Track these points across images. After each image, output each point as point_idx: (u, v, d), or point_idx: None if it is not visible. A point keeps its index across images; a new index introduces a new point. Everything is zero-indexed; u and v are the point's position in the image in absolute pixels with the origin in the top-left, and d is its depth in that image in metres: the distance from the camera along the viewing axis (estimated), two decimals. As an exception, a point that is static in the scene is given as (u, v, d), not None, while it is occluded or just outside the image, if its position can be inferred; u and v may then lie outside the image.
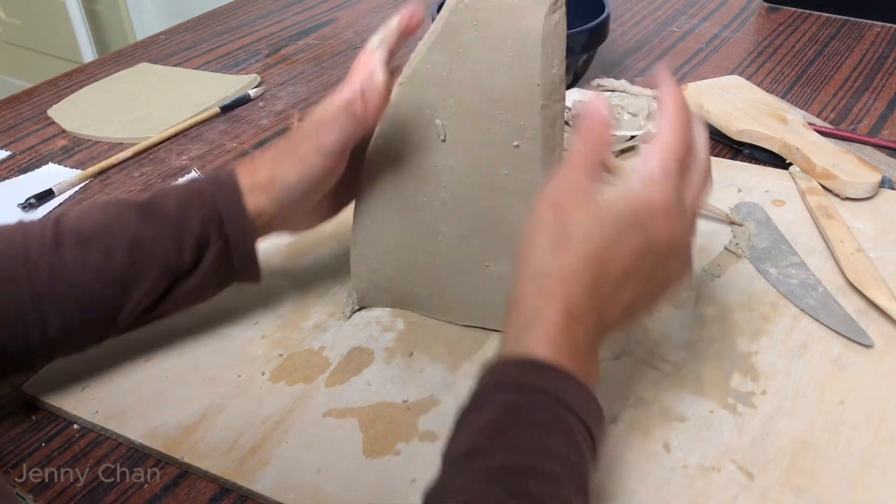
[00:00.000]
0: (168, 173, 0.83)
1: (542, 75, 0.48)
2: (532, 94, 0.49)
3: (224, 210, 0.52)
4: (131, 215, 0.52)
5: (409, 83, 0.51)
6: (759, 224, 0.68)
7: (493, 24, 0.47)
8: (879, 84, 0.93)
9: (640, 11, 1.17)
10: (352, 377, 0.56)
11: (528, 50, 0.47)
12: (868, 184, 0.70)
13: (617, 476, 0.48)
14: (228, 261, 0.53)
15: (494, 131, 0.51)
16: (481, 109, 0.50)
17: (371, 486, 0.48)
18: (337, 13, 1.23)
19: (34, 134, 0.92)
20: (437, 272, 0.57)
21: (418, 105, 0.52)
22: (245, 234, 0.53)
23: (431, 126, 0.52)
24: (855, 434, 0.50)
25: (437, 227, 0.55)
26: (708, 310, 0.60)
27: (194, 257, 0.52)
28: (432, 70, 0.50)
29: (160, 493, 0.49)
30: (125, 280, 0.51)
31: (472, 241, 0.55)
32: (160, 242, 0.51)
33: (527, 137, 0.50)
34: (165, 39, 1.16)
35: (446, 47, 0.49)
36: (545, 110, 0.49)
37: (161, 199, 0.52)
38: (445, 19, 0.48)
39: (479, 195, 0.53)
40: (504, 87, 0.49)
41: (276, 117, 0.92)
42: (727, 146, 0.81)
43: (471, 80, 0.49)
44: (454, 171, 0.53)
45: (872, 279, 0.60)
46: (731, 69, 0.98)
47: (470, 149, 0.52)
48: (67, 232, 0.51)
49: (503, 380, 0.40)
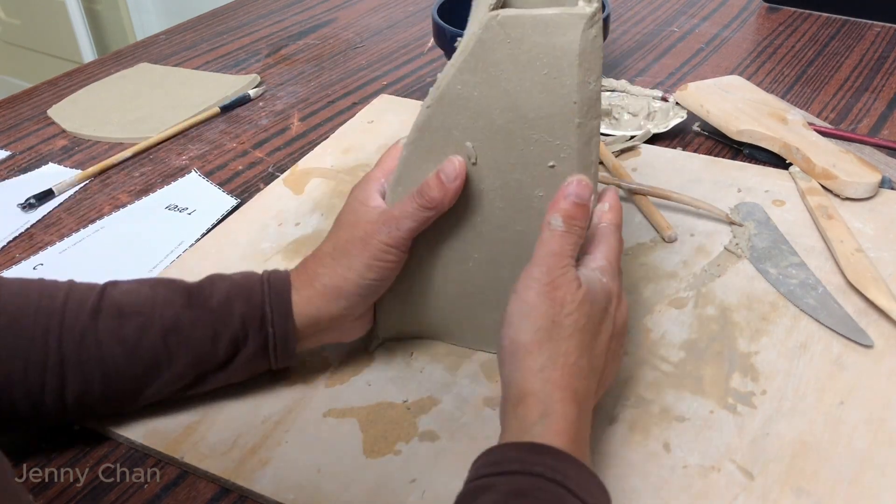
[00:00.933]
0: (168, 173, 0.83)
1: (580, 92, 0.46)
2: (569, 111, 0.47)
3: (269, 309, 0.50)
4: (177, 298, 0.50)
5: (438, 105, 0.49)
6: (759, 224, 0.68)
7: (528, 40, 0.45)
8: (879, 84, 0.93)
9: (640, 11, 1.17)
10: (352, 377, 0.56)
11: (564, 66, 0.45)
12: (868, 184, 0.70)
13: (617, 476, 0.48)
14: (265, 358, 0.52)
15: (528, 152, 0.49)
16: (514, 130, 0.48)
17: (371, 486, 0.48)
18: (337, 13, 1.23)
19: (34, 134, 0.92)
20: (467, 300, 0.55)
21: (447, 128, 0.49)
22: (288, 335, 0.51)
23: (462, 149, 0.50)
24: (855, 434, 0.50)
25: (469, 253, 0.53)
26: (708, 310, 0.60)
27: (229, 352, 0.50)
28: (462, 91, 0.48)
29: (160, 493, 0.49)
30: (155, 361, 0.49)
31: (504, 266, 0.53)
32: (198, 331, 0.50)
33: (563, 157, 0.48)
34: (165, 39, 1.16)
35: (477, 66, 0.47)
36: (581, 128, 0.47)
37: (210, 287, 0.51)
38: (477, 37, 0.46)
39: (512, 219, 0.51)
40: (539, 106, 0.47)
41: (276, 117, 0.92)
42: (727, 146, 0.81)
43: (503, 99, 0.47)
44: (486, 194, 0.51)
45: (872, 279, 0.60)
46: (731, 69, 0.98)
47: (503, 171, 0.50)
48: (110, 302, 0.50)
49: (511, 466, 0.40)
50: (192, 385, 0.51)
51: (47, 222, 0.76)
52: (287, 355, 0.52)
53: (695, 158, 0.79)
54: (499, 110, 0.48)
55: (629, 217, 0.71)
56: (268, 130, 0.90)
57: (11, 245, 0.73)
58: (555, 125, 0.47)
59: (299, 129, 0.90)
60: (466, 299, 0.55)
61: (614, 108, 0.85)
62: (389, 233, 0.50)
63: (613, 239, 0.50)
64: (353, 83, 1.00)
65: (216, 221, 0.74)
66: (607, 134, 0.82)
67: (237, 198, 0.78)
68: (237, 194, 0.78)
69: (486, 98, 0.48)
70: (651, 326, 0.59)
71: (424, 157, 0.50)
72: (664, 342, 0.58)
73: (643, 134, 0.81)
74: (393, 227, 0.50)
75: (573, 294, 0.44)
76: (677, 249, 0.67)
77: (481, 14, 0.46)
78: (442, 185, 0.49)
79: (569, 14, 0.45)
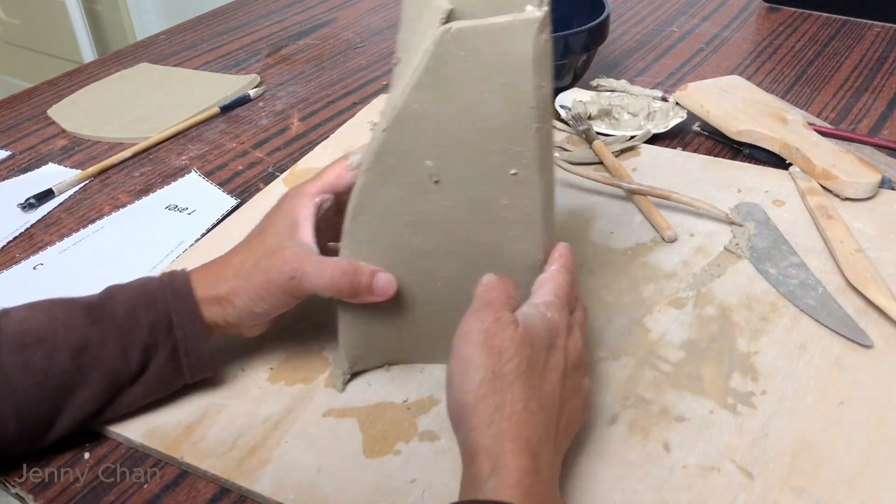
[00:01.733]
0: (168, 173, 0.83)
1: (536, 97, 0.46)
2: (527, 117, 0.46)
3: (176, 315, 0.50)
4: (78, 317, 0.49)
5: (395, 127, 0.47)
6: (759, 224, 0.68)
7: (482, 51, 0.45)
8: (879, 84, 0.93)
9: (640, 11, 1.17)
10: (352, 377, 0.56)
11: (520, 73, 0.45)
12: (868, 184, 0.70)
13: (617, 476, 0.48)
14: (177, 366, 0.51)
15: (490, 162, 0.48)
16: (475, 142, 0.47)
17: (371, 486, 0.48)
18: (337, 13, 1.23)
19: (34, 134, 0.92)
20: (438, 318, 0.54)
21: (406, 149, 0.48)
22: (197, 338, 0.51)
23: (422, 169, 0.48)
24: (855, 434, 0.50)
25: (437, 272, 0.52)
26: (708, 310, 0.60)
27: (141, 362, 0.50)
28: (419, 109, 0.46)
29: (160, 493, 0.49)
30: (68, 385, 0.48)
31: (473, 280, 0.51)
32: (107, 346, 0.49)
33: (524, 163, 0.48)
34: (165, 39, 1.16)
35: (433, 82, 0.45)
36: (539, 132, 0.47)
37: (110, 301, 0.50)
38: (431, 53, 0.44)
39: (478, 231, 0.50)
40: (498, 115, 0.46)
41: (275, 117, 0.92)
42: (727, 146, 0.81)
43: (462, 112, 0.46)
44: (451, 211, 0.50)
45: (872, 279, 0.60)
46: (731, 69, 0.98)
47: (466, 185, 0.49)
48: (8, 334, 0.48)
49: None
50: (108, 404, 0.50)
51: (47, 222, 0.76)
52: (200, 360, 0.52)
53: (695, 158, 0.79)
54: (458, 124, 0.47)
55: (629, 217, 0.71)
56: (268, 130, 0.90)
57: (11, 245, 0.73)
58: (514, 132, 0.47)
59: (299, 129, 0.90)
60: (437, 318, 0.54)
61: (614, 108, 0.85)
62: (294, 283, 0.49)
63: (561, 276, 0.49)
64: (353, 83, 1.00)
65: (216, 221, 0.74)
66: (607, 134, 0.83)
67: (237, 198, 0.78)
68: (237, 194, 0.78)
69: (444, 113, 0.46)
70: (651, 326, 0.59)
71: (384, 182, 0.49)
72: (664, 342, 0.58)
73: (643, 134, 0.81)
74: (301, 280, 0.49)
75: (510, 338, 0.43)
76: (677, 249, 0.67)
77: (426, 28, 0.45)
78: (371, 291, 0.50)
79: (521, 21, 0.44)
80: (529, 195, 0.49)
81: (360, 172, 0.49)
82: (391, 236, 0.51)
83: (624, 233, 0.69)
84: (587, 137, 0.81)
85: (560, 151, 0.80)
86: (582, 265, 0.65)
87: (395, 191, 0.49)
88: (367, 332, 0.54)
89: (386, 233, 0.51)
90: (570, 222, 0.70)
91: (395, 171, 0.48)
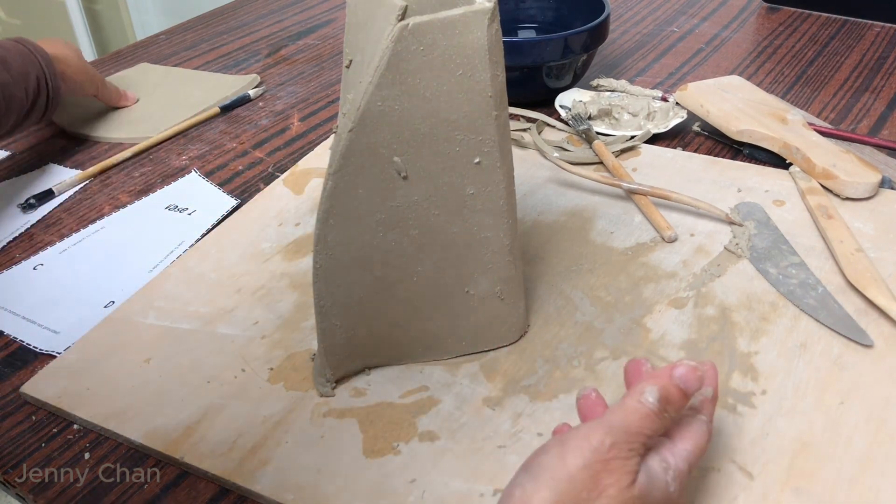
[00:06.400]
0: (168, 173, 0.83)
1: (493, 85, 0.48)
2: (486, 106, 0.48)
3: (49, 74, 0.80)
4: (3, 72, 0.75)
5: (360, 127, 0.47)
6: (759, 224, 0.68)
7: (439, 44, 0.46)
8: (879, 84, 0.93)
9: (640, 11, 1.17)
10: (351, 377, 0.56)
11: (476, 63, 0.47)
12: (868, 184, 0.70)
13: (617, 476, 0.48)
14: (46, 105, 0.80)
15: (454, 153, 0.49)
16: (439, 134, 0.49)
17: (371, 486, 0.48)
18: (337, 13, 1.23)
19: (34, 134, 0.92)
20: (416, 313, 0.55)
21: (372, 148, 0.48)
22: (58, 91, 0.82)
23: (390, 165, 0.49)
24: (855, 434, 0.50)
25: (411, 267, 0.53)
26: (708, 310, 0.60)
27: (31, 100, 0.78)
28: (383, 107, 0.47)
29: (160, 494, 0.49)
30: None
31: (447, 271, 0.53)
32: (16, 88, 0.76)
33: (486, 151, 0.50)
34: (165, 39, 1.16)
35: (395, 79, 0.46)
36: (498, 120, 0.49)
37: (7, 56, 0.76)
38: (391, 50, 0.45)
39: (448, 222, 0.51)
40: (459, 106, 0.48)
41: (275, 117, 0.92)
42: (727, 146, 0.81)
43: (424, 106, 0.47)
44: (420, 205, 0.51)
45: (872, 279, 0.60)
46: (731, 69, 0.98)
47: (433, 178, 0.50)
48: None
49: None
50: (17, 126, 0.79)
51: (47, 222, 0.76)
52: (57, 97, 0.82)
53: (695, 158, 0.79)
54: (421, 118, 0.48)
55: (629, 217, 0.71)
56: (268, 130, 0.90)
57: (11, 245, 0.73)
58: (475, 121, 0.49)
59: (299, 129, 0.90)
60: (416, 312, 0.55)
61: (614, 108, 0.85)
62: None
63: (703, 440, 0.43)
64: (353, 83, 0.99)
65: (216, 221, 0.74)
66: (607, 134, 0.83)
67: (237, 198, 0.78)
68: (237, 194, 0.78)
69: (407, 109, 0.47)
70: (651, 326, 0.59)
71: (354, 183, 0.49)
72: (664, 342, 0.58)
73: (643, 134, 0.81)
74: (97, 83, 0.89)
75: (619, 490, 0.37)
76: (677, 249, 0.67)
77: (383, 26, 0.46)
78: None
79: (473, 12, 0.46)
80: (493, 182, 0.51)
81: (327, 176, 0.49)
82: (363, 236, 0.51)
83: (624, 233, 0.69)
84: (587, 137, 0.81)
85: (560, 151, 0.80)
86: (582, 265, 0.65)
87: (364, 190, 0.49)
88: (347, 337, 0.54)
89: (358, 233, 0.51)
90: (570, 222, 0.70)
91: (363, 171, 0.49)
